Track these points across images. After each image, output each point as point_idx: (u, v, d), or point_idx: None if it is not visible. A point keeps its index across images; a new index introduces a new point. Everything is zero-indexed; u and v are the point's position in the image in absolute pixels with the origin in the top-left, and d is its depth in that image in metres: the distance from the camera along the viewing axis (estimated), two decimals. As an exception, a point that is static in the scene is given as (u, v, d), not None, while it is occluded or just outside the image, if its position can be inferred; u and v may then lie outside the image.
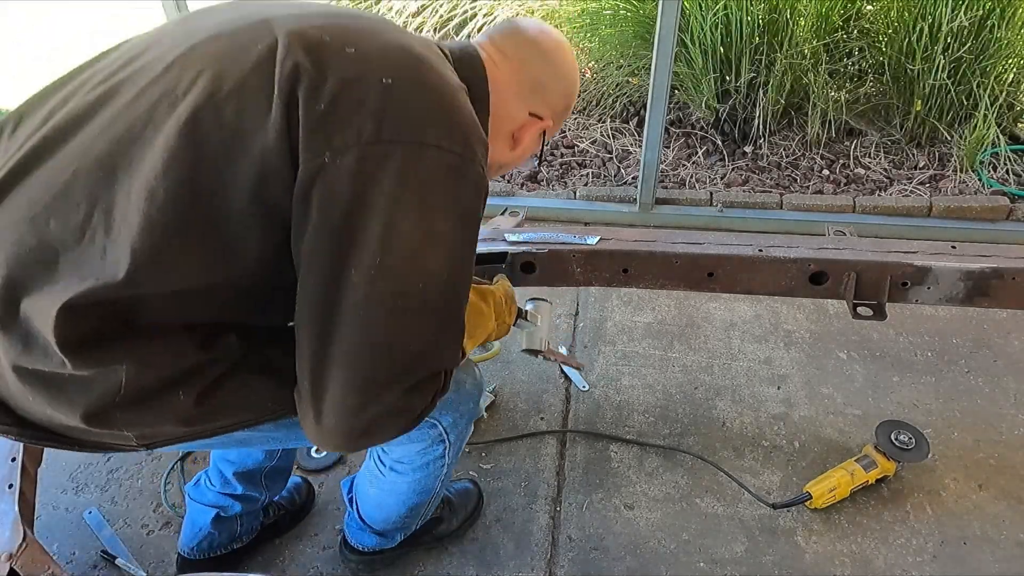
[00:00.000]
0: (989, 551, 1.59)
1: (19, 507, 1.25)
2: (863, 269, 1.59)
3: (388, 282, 0.83)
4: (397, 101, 0.85)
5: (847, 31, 3.18)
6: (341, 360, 0.85)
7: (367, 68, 0.86)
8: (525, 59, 1.10)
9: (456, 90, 0.94)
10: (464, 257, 0.91)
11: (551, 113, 1.15)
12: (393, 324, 0.85)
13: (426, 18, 4.31)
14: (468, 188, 0.89)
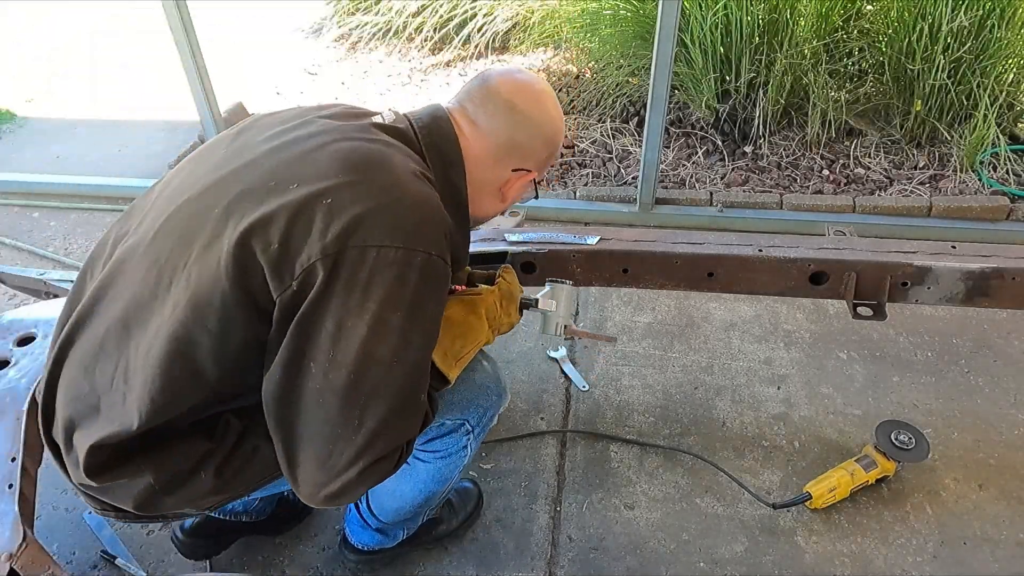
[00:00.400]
0: (989, 551, 1.59)
1: (19, 507, 1.25)
2: (863, 269, 1.59)
3: (340, 373, 0.93)
4: (338, 215, 0.94)
5: (847, 31, 3.18)
6: (306, 442, 0.96)
7: (310, 196, 0.95)
8: (499, 126, 1.14)
9: (404, 182, 0.99)
10: (417, 341, 0.97)
11: (535, 164, 1.21)
12: (348, 411, 0.94)
13: (426, 18, 4.31)
14: (414, 278, 0.95)
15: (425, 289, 0.96)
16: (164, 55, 4.04)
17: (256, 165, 1.04)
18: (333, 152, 1.01)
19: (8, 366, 1.55)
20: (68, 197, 3.16)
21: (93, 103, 4.26)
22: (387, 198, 0.96)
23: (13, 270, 2.29)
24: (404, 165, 1.03)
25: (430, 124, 1.13)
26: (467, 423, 1.29)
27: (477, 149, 1.15)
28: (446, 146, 1.12)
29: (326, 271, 0.92)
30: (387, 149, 1.04)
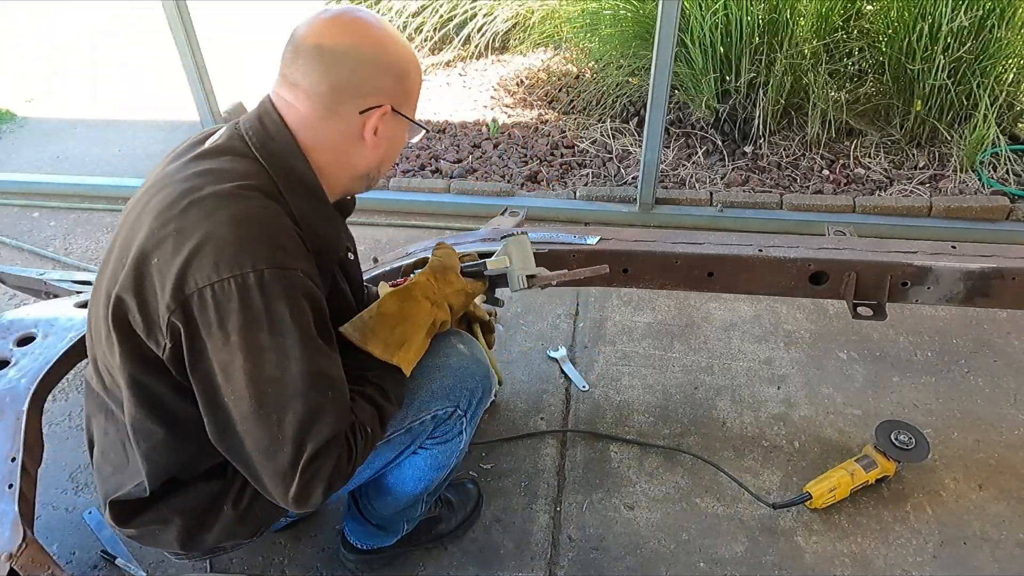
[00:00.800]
0: (989, 551, 1.59)
1: (19, 507, 1.25)
2: (863, 269, 1.59)
3: (244, 402, 0.98)
4: (167, 271, 0.97)
5: (847, 31, 3.18)
6: (254, 462, 1.02)
7: (140, 260, 1.00)
8: (315, 76, 1.04)
9: (215, 212, 0.98)
10: (295, 350, 0.99)
11: (385, 95, 1.08)
12: (267, 428, 0.99)
13: (426, 18, 4.31)
14: (256, 298, 0.96)
15: (274, 302, 0.97)
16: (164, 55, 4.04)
17: (118, 239, 1.11)
18: (152, 209, 1.02)
19: (8, 366, 1.55)
20: (68, 197, 3.16)
21: (93, 103, 4.26)
22: (201, 234, 0.96)
23: (13, 270, 2.29)
24: (218, 192, 1.00)
25: (255, 123, 1.08)
26: (458, 408, 1.29)
27: (307, 111, 1.06)
28: (276, 136, 1.07)
29: (182, 323, 0.97)
30: (200, 180, 1.02)
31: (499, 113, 3.75)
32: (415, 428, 1.27)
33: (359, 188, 1.21)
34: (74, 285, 2.10)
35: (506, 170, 3.20)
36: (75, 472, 1.83)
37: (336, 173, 1.13)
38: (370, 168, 1.16)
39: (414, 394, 1.26)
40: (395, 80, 1.09)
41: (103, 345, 1.10)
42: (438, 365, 1.28)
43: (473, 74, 4.25)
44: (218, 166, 1.05)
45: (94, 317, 1.14)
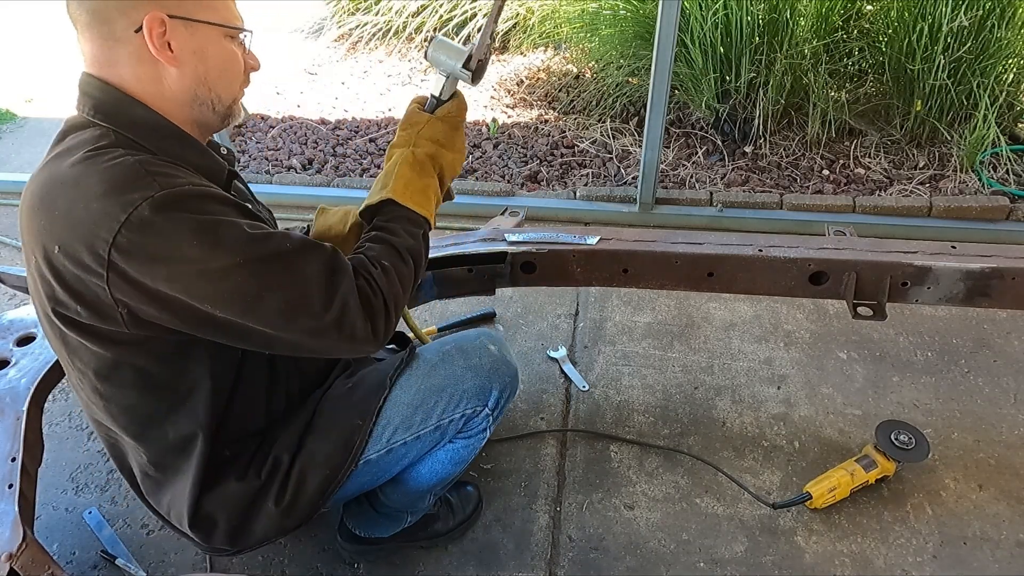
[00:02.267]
0: (989, 551, 1.59)
1: (19, 507, 1.25)
2: (863, 269, 1.59)
3: (226, 303, 0.96)
4: (76, 254, 0.94)
5: (847, 31, 3.18)
6: (286, 342, 1.03)
7: (46, 256, 0.98)
8: (76, 12, 0.99)
9: (76, 180, 0.95)
10: (231, 237, 0.95)
11: (143, 7, 0.97)
12: (261, 311, 0.98)
13: (426, 18, 4.31)
14: (162, 219, 0.92)
15: (175, 214, 0.93)
16: (164, 55, 4.03)
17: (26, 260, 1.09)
18: (29, 212, 1.01)
19: (8, 366, 1.56)
20: (68, 197, 3.15)
21: (93, 103, 4.26)
22: (82, 202, 0.93)
23: (13, 270, 2.29)
24: (74, 163, 0.97)
25: (80, 96, 1.05)
26: (486, 407, 1.32)
27: (92, 48, 1.01)
28: (100, 93, 1.01)
29: (122, 284, 0.94)
30: (55, 164, 1.00)
31: (499, 113, 3.75)
32: (444, 425, 1.30)
33: (211, 120, 1.11)
34: (74, 285, 2.10)
35: (506, 170, 3.20)
36: (75, 472, 1.83)
37: (166, 102, 1.04)
38: (195, 90, 1.05)
39: (445, 392, 1.29)
40: None
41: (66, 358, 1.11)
42: (470, 366, 1.31)
43: (473, 74, 4.25)
44: (66, 147, 1.02)
45: (50, 337, 1.13)
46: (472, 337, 1.36)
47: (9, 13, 5.82)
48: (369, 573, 1.57)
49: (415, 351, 1.34)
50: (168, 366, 1.09)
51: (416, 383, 1.30)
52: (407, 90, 4.10)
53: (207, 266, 0.94)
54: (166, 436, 1.15)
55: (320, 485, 1.23)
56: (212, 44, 1.05)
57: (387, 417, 1.28)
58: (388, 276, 1.09)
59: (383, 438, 1.28)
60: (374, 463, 1.29)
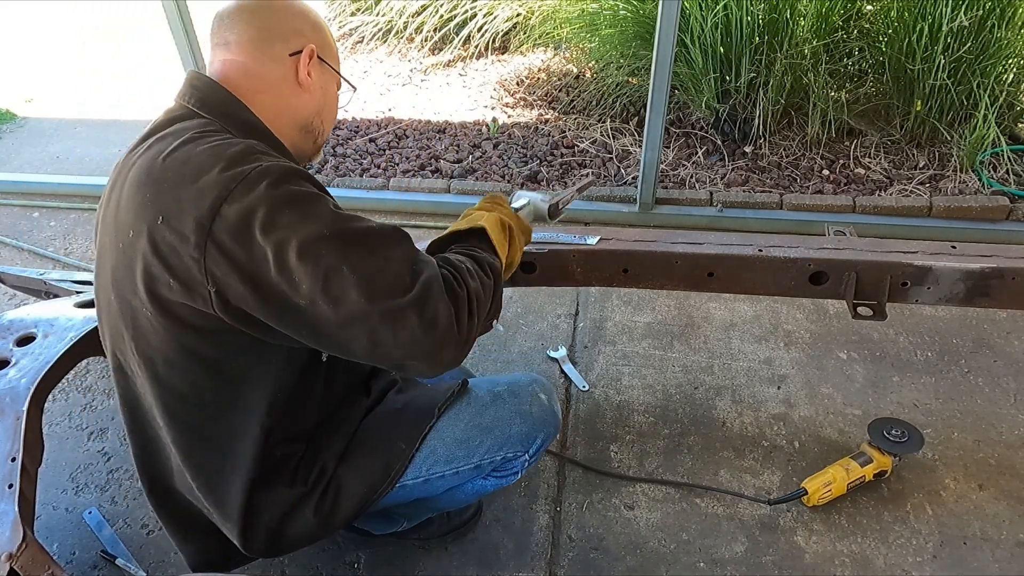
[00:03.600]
0: (989, 551, 1.59)
1: (19, 507, 1.25)
2: (863, 269, 1.59)
3: (310, 274, 0.94)
4: (180, 224, 0.96)
5: (847, 31, 3.18)
6: (365, 337, 0.98)
7: (151, 229, 0.99)
8: (241, 28, 1.12)
9: (196, 150, 1.00)
10: (322, 212, 0.98)
11: (305, 38, 1.16)
12: (352, 281, 0.95)
13: (426, 18, 4.31)
14: (266, 188, 0.95)
15: (281, 185, 0.97)
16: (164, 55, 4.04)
17: (105, 239, 1.11)
18: (130, 188, 1.04)
19: (8, 366, 1.55)
20: (68, 197, 3.16)
21: (93, 103, 4.26)
22: (190, 175, 0.97)
23: (13, 270, 2.29)
24: (185, 142, 1.02)
25: (188, 90, 1.12)
26: (527, 453, 1.34)
27: (244, 58, 1.12)
28: (213, 92, 1.10)
29: (219, 261, 0.95)
30: (162, 144, 1.04)
31: (499, 113, 3.75)
32: (484, 465, 1.32)
33: (307, 145, 1.22)
34: (74, 285, 2.10)
35: (506, 170, 3.20)
36: (75, 472, 1.83)
37: (281, 119, 1.15)
38: (311, 116, 1.19)
39: (492, 434, 1.31)
40: (312, 27, 1.18)
41: (128, 344, 1.10)
42: (520, 412, 1.33)
43: (473, 74, 4.25)
44: (171, 132, 1.06)
45: (111, 321, 1.13)
46: (525, 382, 1.38)
47: (9, 13, 5.82)
48: (369, 573, 1.57)
49: (467, 384, 1.36)
50: (237, 361, 1.09)
51: (465, 419, 1.31)
52: (407, 90, 4.10)
53: (299, 234, 0.94)
54: (221, 431, 1.15)
55: (357, 501, 1.24)
56: (332, 87, 1.23)
57: (431, 447, 1.29)
58: (472, 275, 1.09)
59: (423, 468, 1.29)
60: (408, 488, 1.30)
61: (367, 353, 0.99)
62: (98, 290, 1.16)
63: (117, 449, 1.89)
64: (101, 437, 1.93)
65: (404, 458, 1.27)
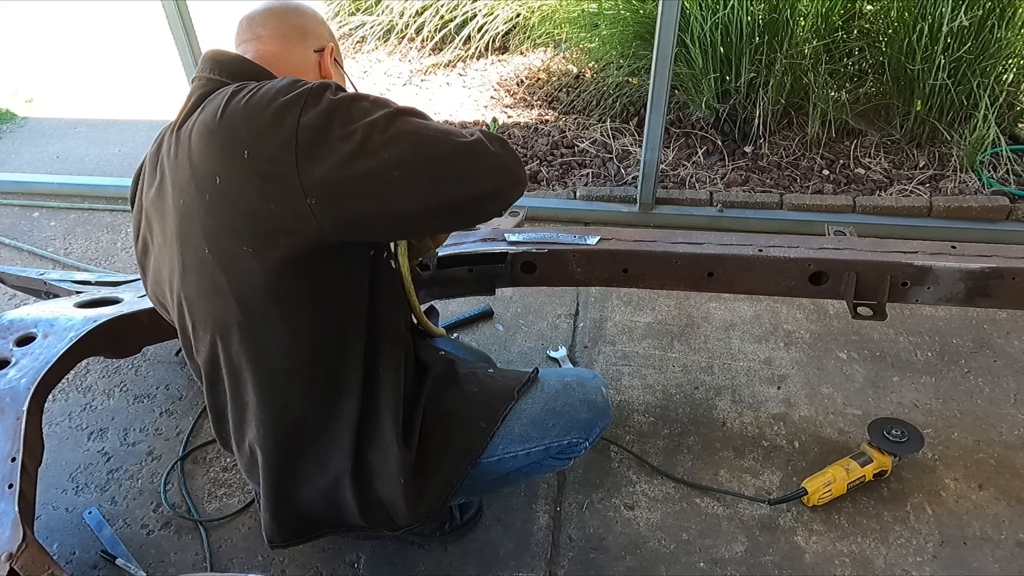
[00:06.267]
0: (989, 551, 1.59)
1: (19, 507, 1.25)
2: (863, 269, 1.59)
3: (396, 143, 1.02)
4: (265, 148, 1.02)
5: (847, 31, 3.18)
6: (456, 186, 1.08)
7: (239, 162, 1.04)
8: (274, 24, 1.25)
9: (252, 91, 1.07)
10: (380, 99, 1.07)
11: (325, 40, 1.31)
12: (430, 133, 1.05)
13: (427, 19, 4.31)
14: (333, 92, 1.05)
15: (340, 90, 1.07)
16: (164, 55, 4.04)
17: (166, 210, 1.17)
18: (199, 143, 1.08)
19: (8, 366, 1.55)
20: (68, 197, 3.16)
21: (93, 103, 4.26)
22: (256, 113, 1.03)
23: (13, 270, 2.29)
24: (236, 90, 1.09)
25: (212, 64, 1.18)
26: (587, 440, 1.39)
27: (276, 48, 1.23)
28: (241, 64, 1.18)
29: (312, 171, 1.00)
30: (213, 104, 1.09)
31: (499, 113, 3.75)
32: (552, 448, 1.37)
33: None
34: (74, 285, 2.10)
35: (506, 170, 3.19)
36: (75, 472, 1.83)
37: None
38: None
39: (563, 418, 1.37)
40: (330, 34, 1.33)
41: (224, 294, 1.12)
42: (588, 401, 1.39)
43: (473, 74, 4.25)
44: (218, 93, 1.11)
45: (205, 277, 1.13)
46: (589, 376, 1.45)
47: (9, 13, 5.82)
48: (369, 573, 1.57)
49: (538, 371, 1.42)
50: (338, 297, 1.14)
51: (540, 403, 1.37)
52: (407, 90, 4.10)
53: (374, 119, 1.03)
54: (327, 377, 1.19)
55: (439, 482, 1.28)
56: (342, 80, 1.34)
57: (508, 427, 1.34)
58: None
59: (499, 448, 1.33)
60: (482, 467, 1.33)
61: (460, 194, 1.07)
62: (183, 260, 1.16)
63: (117, 449, 1.89)
64: (101, 437, 1.93)
65: (485, 436, 1.32)
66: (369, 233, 1.10)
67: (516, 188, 1.15)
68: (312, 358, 1.17)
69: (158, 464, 1.84)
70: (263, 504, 1.31)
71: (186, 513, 1.71)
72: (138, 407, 2.02)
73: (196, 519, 1.69)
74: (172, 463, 1.83)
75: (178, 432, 1.93)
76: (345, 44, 4.63)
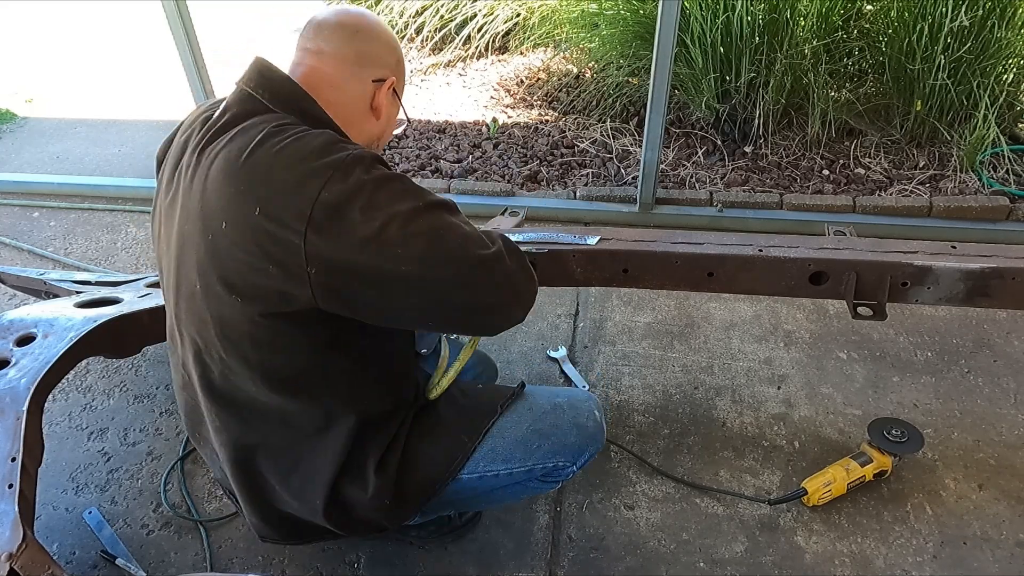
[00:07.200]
0: (989, 551, 1.59)
1: (19, 507, 1.25)
2: (863, 269, 1.59)
3: (412, 241, 1.01)
4: (280, 212, 1.00)
5: (847, 31, 3.18)
6: (462, 304, 1.09)
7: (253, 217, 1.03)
8: (340, 43, 1.18)
9: (287, 142, 1.04)
10: (411, 188, 1.06)
11: (389, 70, 1.24)
12: (451, 240, 1.04)
13: (427, 19, 4.31)
14: (363, 172, 1.02)
15: (373, 170, 1.03)
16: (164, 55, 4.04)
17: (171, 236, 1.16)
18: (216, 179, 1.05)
19: (8, 366, 1.55)
20: (68, 197, 3.16)
21: (93, 103, 4.26)
22: (285, 165, 1.02)
23: (13, 270, 2.29)
24: (271, 133, 1.05)
25: (257, 78, 1.14)
26: (575, 465, 1.36)
27: (333, 71, 1.17)
28: (287, 87, 1.14)
29: (320, 245, 0.99)
30: (246, 137, 1.06)
31: (499, 113, 3.75)
32: (536, 470, 1.33)
33: None
34: (74, 285, 2.10)
35: (506, 170, 3.20)
36: (75, 472, 1.83)
37: (348, 132, 1.19)
38: (373, 137, 1.27)
39: (549, 440, 1.33)
40: (397, 62, 1.26)
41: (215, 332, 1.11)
42: (578, 424, 1.36)
43: (473, 74, 4.25)
44: (251, 125, 1.09)
45: (194, 309, 1.13)
46: (582, 397, 1.42)
47: (9, 13, 5.82)
48: (369, 573, 1.57)
49: (524, 386, 1.40)
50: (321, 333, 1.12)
51: (526, 422, 1.34)
52: (407, 90, 4.10)
53: (398, 209, 1.01)
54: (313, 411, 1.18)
55: (417, 491, 1.27)
56: (394, 115, 1.30)
57: (491, 445, 1.31)
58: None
59: (481, 464, 1.31)
60: (461, 483, 1.31)
61: (464, 304, 1.08)
62: (177, 279, 1.16)
63: (117, 449, 1.89)
64: (101, 437, 1.93)
65: (466, 450, 1.29)
66: (360, 316, 1.09)
67: (521, 309, 1.15)
68: (290, 403, 1.16)
69: (158, 464, 1.84)
70: (245, 511, 1.32)
71: (186, 513, 1.71)
72: (138, 407, 2.02)
73: (196, 519, 1.69)
74: (172, 463, 1.83)
75: (178, 432, 1.93)
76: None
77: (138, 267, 2.69)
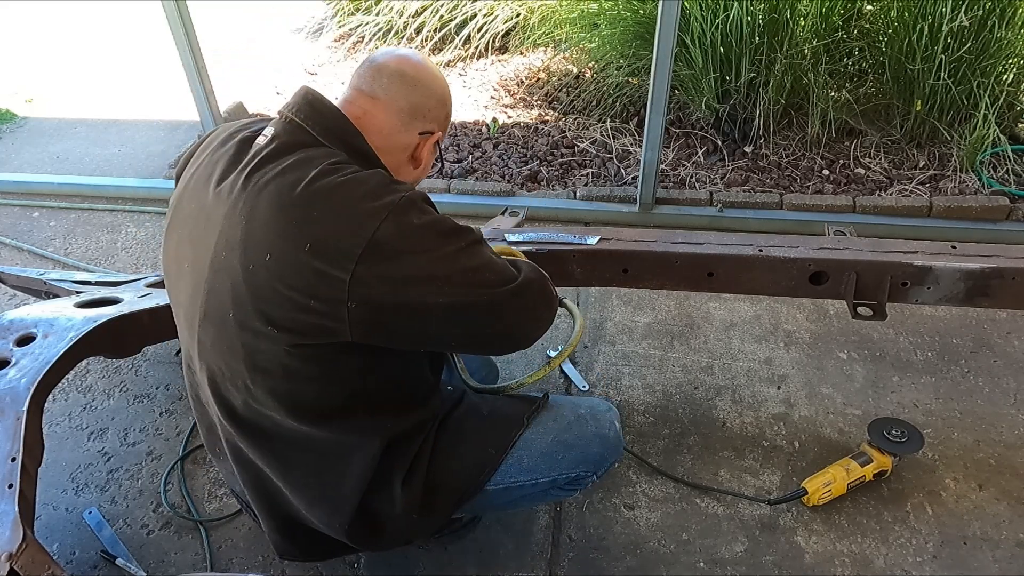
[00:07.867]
0: (989, 551, 1.59)
1: (19, 507, 1.25)
2: (863, 269, 1.59)
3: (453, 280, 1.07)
4: (328, 252, 1.02)
5: (847, 31, 3.18)
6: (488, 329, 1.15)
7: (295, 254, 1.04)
8: (396, 93, 1.19)
9: (340, 180, 1.06)
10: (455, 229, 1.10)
11: (437, 125, 1.26)
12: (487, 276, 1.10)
13: (427, 19, 4.31)
14: (417, 214, 1.06)
15: (424, 214, 1.07)
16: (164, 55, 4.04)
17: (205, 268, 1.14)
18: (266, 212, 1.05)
19: (8, 366, 1.55)
20: (68, 197, 3.16)
21: (93, 103, 4.26)
22: (337, 207, 1.04)
23: (13, 270, 2.29)
24: (324, 171, 1.06)
25: (306, 108, 1.14)
26: (595, 475, 1.38)
27: (385, 120, 1.18)
28: (337, 122, 1.15)
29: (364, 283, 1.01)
30: (298, 172, 1.06)
31: (499, 113, 3.75)
32: (559, 480, 1.35)
33: None
34: (74, 285, 2.10)
35: (506, 170, 3.20)
36: (75, 472, 1.83)
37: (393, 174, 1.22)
38: (410, 182, 1.27)
39: (573, 451, 1.34)
40: (446, 117, 1.28)
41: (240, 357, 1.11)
42: (600, 435, 1.37)
43: (473, 74, 4.25)
44: (303, 159, 1.09)
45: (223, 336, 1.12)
46: (603, 408, 1.42)
47: (9, 13, 5.82)
48: (369, 573, 1.57)
49: (548, 397, 1.41)
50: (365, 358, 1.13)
51: (552, 433, 1.35)
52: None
53: (445, 251, 1.06)
54: (339, 437, 1.18)
55: (448, 502, 1.28)
56: (430, 164, 1.32)
57: (517, 456, 1.32)
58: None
59: (507, 476, 1.32)
60: (488, 494, 1.32)
61: (497, 330, 1.15)
62: (206, 305, 1.13)
63: (117, 449, 1.89)
64: (101, 437, 1.93)
65: (494, 463, 1.30)
66: (392, 343, 1.11)
67: (542, 331, 1.22)
68: (317, 431, 1.17)
69: (158, 464, 1.84)
70: (265, 528, 1.32)
71: (186, 513, 1.71)
72: (138, 407, 2.02)
73: (196, 519, 1.69)
74: (172, 463, 1.83)
75: (178, 432, 1.93)
76: (345, 44, 4.63)
77: (138, 267, 2.69)
